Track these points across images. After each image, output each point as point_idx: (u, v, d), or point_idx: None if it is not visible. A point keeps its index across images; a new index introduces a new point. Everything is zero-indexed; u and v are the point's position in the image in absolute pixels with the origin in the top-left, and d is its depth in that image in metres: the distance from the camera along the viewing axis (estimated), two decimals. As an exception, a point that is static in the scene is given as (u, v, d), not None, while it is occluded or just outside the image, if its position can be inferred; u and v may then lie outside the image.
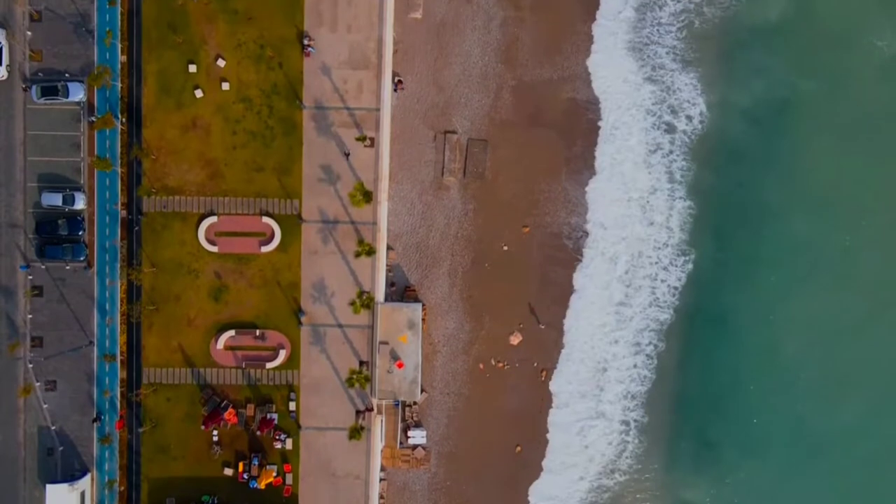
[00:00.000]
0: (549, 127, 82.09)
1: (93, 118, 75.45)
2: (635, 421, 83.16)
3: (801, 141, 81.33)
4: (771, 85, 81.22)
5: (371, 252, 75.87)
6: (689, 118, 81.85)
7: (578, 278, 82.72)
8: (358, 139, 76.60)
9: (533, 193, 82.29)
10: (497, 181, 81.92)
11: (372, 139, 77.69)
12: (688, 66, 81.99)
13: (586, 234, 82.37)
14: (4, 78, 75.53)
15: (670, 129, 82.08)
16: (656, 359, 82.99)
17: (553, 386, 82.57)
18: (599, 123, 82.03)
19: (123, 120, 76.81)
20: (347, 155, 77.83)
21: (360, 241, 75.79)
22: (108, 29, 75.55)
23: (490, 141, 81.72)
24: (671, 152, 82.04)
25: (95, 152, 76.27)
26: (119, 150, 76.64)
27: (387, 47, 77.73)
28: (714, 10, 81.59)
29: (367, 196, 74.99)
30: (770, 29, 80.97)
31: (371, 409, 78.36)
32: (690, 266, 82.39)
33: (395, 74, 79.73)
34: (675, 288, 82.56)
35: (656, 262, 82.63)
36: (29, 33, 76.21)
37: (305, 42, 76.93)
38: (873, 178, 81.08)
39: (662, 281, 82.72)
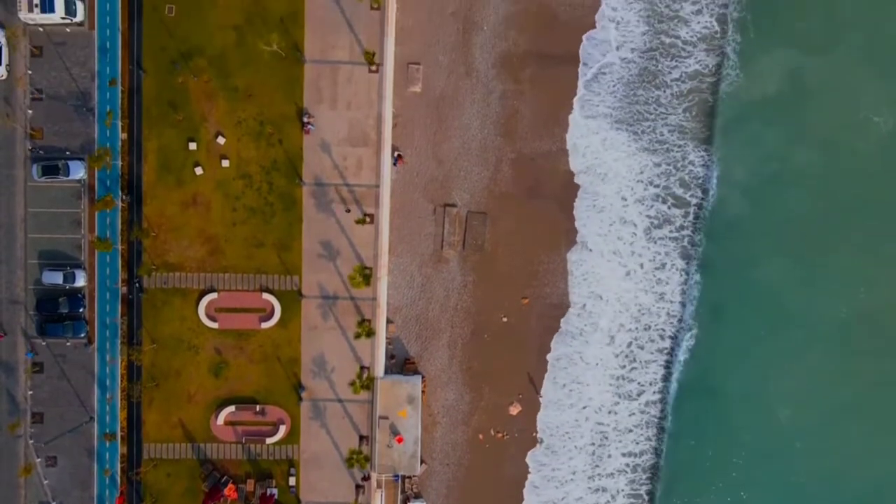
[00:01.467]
0: (548, 199, 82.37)
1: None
2: (633, 492, 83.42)
3: (797, 213, 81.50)
4: (768, 159, 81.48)
5: (371, 333, 76.17)
6: (684, 193, 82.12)
7: (575, 349, 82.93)
8: (358, 221, 76.76)
9: (532, 265, 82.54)
10: (496, 253, 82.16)
11: (371, 216, 77.90)
12: (683, 140, 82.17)
13: (584, 305, 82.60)
14: (4, 77, 75.46)
15: (666, 202, 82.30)
16: (654, 429, 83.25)
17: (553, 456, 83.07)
18: (596, 196, 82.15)
19: (124, 197, 77.02)
20: (348, 210, 78.04)
21: (360, 322, 76.03)
22: (108, 109, 75.75)
23: (489, 213, 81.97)
24: (664, 224, 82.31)
25: (96, 230, 76.50)
26: (119, 227, 76.86)
27: (386, 124, 78.02)
28: (710, 86, 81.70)
29: (367, 279, 75.34)
30: (767, 104, 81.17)
31: (369, 479, 78.61)
32: (689, 339, 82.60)
33: (395, 149, 80.00)
34: (672, 360, 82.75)
35: (652, 335, 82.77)
36: (30, 111, 76.42)
37: (305, 119, 77.21)
38: (872, 251, 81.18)
39: (660, 352, 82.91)
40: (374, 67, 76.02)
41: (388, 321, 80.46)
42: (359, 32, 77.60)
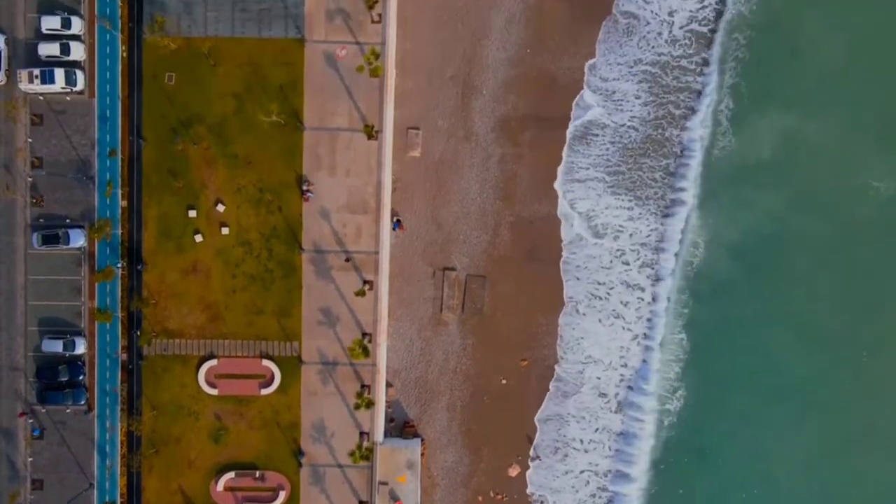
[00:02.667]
0: (547, 262, 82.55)
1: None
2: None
3: (798, 276, 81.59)
4: (766, 222, 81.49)
5: (371, 404, 76.29)
6: (679, 253, 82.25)
7: (574, 410, 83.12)
8: (357, 294, 76.91)
9: (531, 327, 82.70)
10: (495, 316, 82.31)
11: (370, 283, 78.07)
12: (679, 201, 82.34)
13: (581, 367, 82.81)
14: (3, 83, 75.55)
15: (661, 261, 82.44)
16: (650, 492, 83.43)
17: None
18: (589, 259, 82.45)
19: (124, 264, 77.20)
20: (348, 260, 78.24)
21: (360, 394, 76.26)
22: (108, 179, 75.98)
23: (488, 277, 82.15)
24: (659, 281, 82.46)
25: (96, 299, 76.66)
26: (119, 294, 77.03)
27: (385, 191, 78.23)
28: (708, 149, 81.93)
29: (366, 351, 75.54)
30: (764, 167, 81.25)
31: None
32: (681, 400, 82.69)
33: (394, 213, 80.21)
34: (668, 421, 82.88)
35: (648, 396, 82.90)
36: (30, 179, 76.64)
37: (304, 187, 77.43)
38: (870, 317, 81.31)
39: (656, 413, 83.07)
40: (373, 135, 76.17)
41: (388, 384, 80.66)
42: (358, 99, 77.83)
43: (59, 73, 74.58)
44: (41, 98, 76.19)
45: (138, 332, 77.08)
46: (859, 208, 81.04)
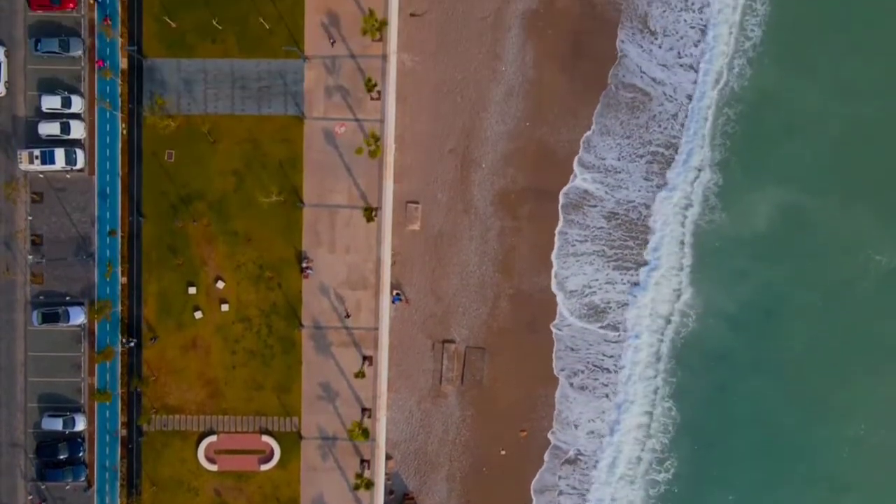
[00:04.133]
0: (546, 333, 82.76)
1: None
2: None
3: (797, 349, 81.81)
4: (762, 295, 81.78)
5: (370, 485, 76.38)
6: (680, 325, 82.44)
7: (568, 480, 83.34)
8: (357, 375, 77.04)
9: (530, 398, 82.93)
10: (495, 387, 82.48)
11: (370, 358, 78.20)
12: (676, 269, 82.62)
13: (574, 437, 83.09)
14: (3, 94, 75.61)
15: (657, 334, 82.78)
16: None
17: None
18: (584, 331, 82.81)
19: (124, 341, 77.35)
20: (348, 316, 78.35)
21: (359, 475, 76.35)
22: (108, 261, 76.13)
23: (488, 348, 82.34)
24: (658, 359, 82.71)
25: (96, 376, 76.79)
26: (119, 370, 77.15)
27: (385, 267, 78.38)
28: (706, 222, 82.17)
29: (366, 433, 75.55)
30: (766, 240, 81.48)
31: None
32: (673, 470, 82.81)
33: (394, 287, 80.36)
34: (665, 491, 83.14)
35: (646, 466, 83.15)
36: (30, 257, 76.79)
37: (304, 265, 77.58)
38: (869, 390, 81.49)
39: (646, 485, 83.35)
40: (372, 218, 76.42)
41: (388, 456, 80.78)
42: (357, 176, 78.02)
43: (60, 154, 74.78)
44: (41, 176, 76.34)
45: (138, 412, 77.17)
46: (861, 281, 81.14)
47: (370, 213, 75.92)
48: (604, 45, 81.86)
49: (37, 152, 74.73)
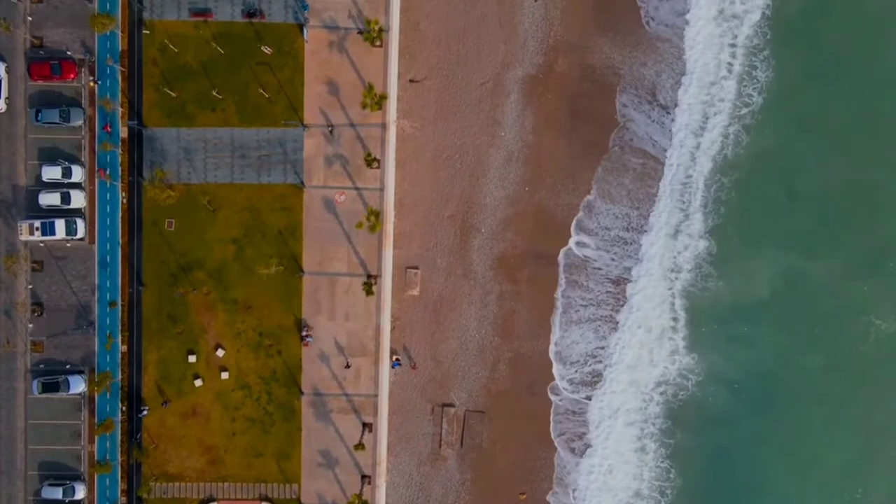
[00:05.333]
0: (545, 396, 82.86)
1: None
2: None
3: (795, 415, 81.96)
4: (766, 358, 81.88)
5: (369, 555, 76.64)
6: (679, 388, 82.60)
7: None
8: (356, 447, 77.21)
9: (530, 461, 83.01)
10: (494, 450, 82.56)
11: (370, 425, 78.35)
12: (675, 333, 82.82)
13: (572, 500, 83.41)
14: (3, 110, 75.77)
15: (649, 399, 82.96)
16: None
17: None
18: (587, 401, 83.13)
19: (124, 409, 77.48)
20: (348, 366, 78.49)
21: (358, 544, 76.62)
22: (108, 332, 76.29)
23: (487, 412, 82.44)
24: (655, 424, 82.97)
25: (96, 444, 76.92)
26: (119, 439, 77.23)
27: (385, 335, 78.60)
28: (700, 289, 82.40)
29: (366, 504, 75.94)
30: (766, 304, 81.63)
31: None
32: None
33: (394, 353, 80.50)
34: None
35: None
36: (31, 325, 76.94)
37: (304, 333, 77.73)
38: (866, 454, 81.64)
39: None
40: (371, 291, 76.66)
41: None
42: (357, 244, 78.25)
43: (60, 225, 75.00)
44: (42, 245, 76.52)
45: (139, 482, 77.34)
46: (861, 346, 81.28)
47: (370, 286, 76.11)
48: (603, 109, 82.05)
49: (37, 224, 74.94)
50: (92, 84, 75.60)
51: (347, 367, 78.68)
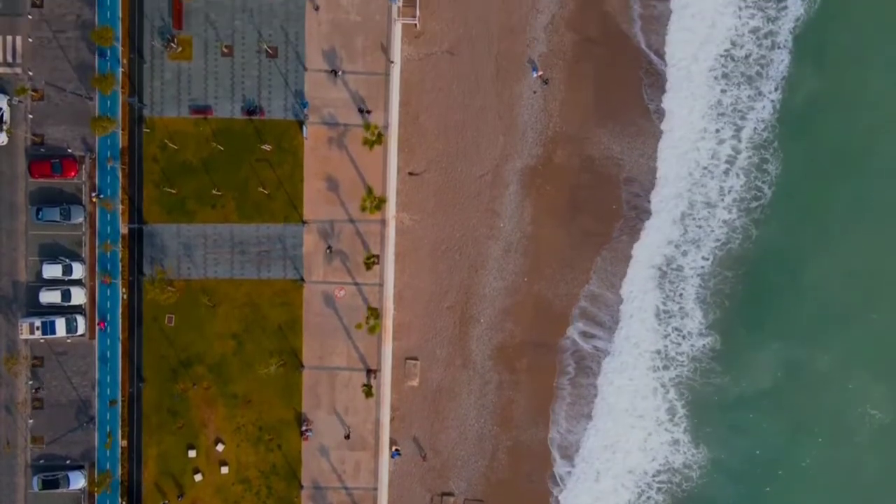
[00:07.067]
0: (545, 483, 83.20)
1: None
2: None
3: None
4: (763, 447, 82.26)
5: None
6: (683, 480, 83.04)
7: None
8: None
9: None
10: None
11: (369, 518, 78.81)
12: (675, 418, 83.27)
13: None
14: (4, 143, 75.71)
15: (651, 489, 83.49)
16: None
17: None
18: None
19: (124, 504, 77.96)
20: (348, 437, 78.70)
21: None
22: (108, 430, 76.54)
23: (486, 500, 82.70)
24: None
25: (96, 545, 77.40)
26: (120, 534, 77.70)
27: (384, 429, 78.85)
28: (705, 380, 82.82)
29: None
30: (763, 395, 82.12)
31: None
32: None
33: (393, 443, 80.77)
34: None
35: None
36: (31, 421, 77.17)
37: (304, 427, 77.99)
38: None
39: None
40: (371, 394, 77.12)
41: None
42: (356, 339, 78.52)
43: (60, 324, 75.25)
44: (42, 341, 76.75)
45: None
46: (857, 436, 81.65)
47: (369, 388, 76.48)
48: (603, 200, 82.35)
49: (37, 323, 75.18)
50: (94, 199, 75.91)
51: (347, 437, 78.79)
